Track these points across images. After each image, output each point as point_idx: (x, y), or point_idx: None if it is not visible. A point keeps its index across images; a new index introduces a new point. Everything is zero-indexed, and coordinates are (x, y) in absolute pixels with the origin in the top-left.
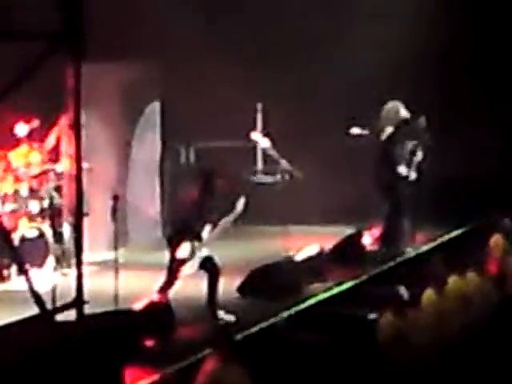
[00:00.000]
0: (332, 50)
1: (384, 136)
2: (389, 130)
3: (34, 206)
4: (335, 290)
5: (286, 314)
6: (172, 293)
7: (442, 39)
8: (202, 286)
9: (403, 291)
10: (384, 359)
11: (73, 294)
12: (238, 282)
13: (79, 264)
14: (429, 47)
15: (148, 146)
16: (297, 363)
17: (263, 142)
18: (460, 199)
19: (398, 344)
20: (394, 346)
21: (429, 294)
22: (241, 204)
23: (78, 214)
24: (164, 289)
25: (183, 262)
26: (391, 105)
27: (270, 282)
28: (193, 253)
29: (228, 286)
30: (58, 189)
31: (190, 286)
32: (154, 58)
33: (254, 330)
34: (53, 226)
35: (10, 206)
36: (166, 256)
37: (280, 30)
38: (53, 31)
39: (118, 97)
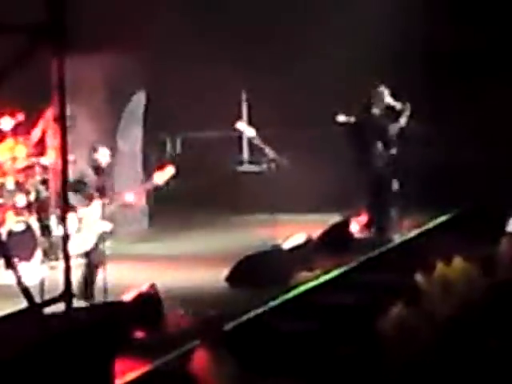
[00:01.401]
0: (318, 36)
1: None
2: (375, 113)
3: (21, 200)
4: (323, 278)
5: (274, 302)
6: (161, 283)
7: (430, 24)
8: (191, 276)
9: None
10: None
11: (61, 287)
12: (226, 271)
13: (67, 257)
14: (416, 33)
15: (133, 137)
16: (286, 352)
17: (249, 131)
18: (447, 185)
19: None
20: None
21: (418, 279)
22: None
23: (64, 206)
24: None
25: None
26: (377, 90)
27: (258, 270)
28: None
29: (216, 275)
30: (44, 182)
31: (180, 275)
32: (139, 49)
33: (242, 319)
34: (40, 220)
35: None
36: (153, 247)
37: (265, 16)
38: (36, 23)
39: (103, 88)
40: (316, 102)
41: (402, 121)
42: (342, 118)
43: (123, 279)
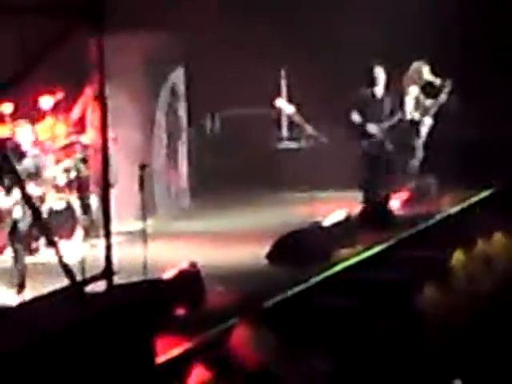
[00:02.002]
0: (356, 12)
1: (408, 96)
2: (413, 90)
3: (62, 178)
4: (364, 255)
5: (314, 279)
6: (201, 260)
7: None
8: (232, 253)
9: (433, 254)
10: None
11: (102, 264)
12: (266, 248)
13: (108, 235)
14: (454, 11)
15: (172, 115)
16: (327, 329)
17: (288, 109)
18: (486, 161)
19: (431, 307)
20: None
21: (458, 255)
22: None
23: (105, 185)
24: None
25: None
26: (415, 66)
27: (299, 248)
28: None
29: (257, 252)
30: (84, 160)
31: (220, 253)
32: (177, 27)
33: (283, 296)
34: (80, 198)
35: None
36: (193, 225)
37: None
38: (74, 3)
39: (142, 66)
40: (355, 77)
41: (442, 97)
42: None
43: (164, 257)
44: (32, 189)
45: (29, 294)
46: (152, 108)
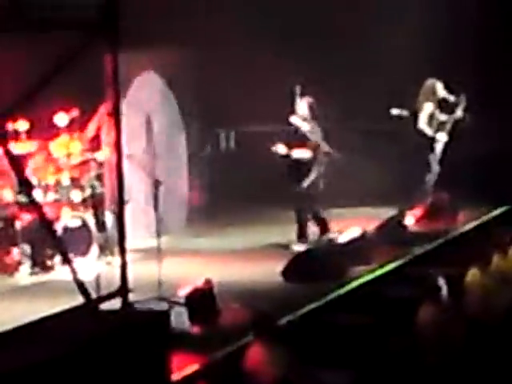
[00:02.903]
0: (371, 31)
1: (422, 114)
2: (427, 107)
3: (76, 196)
4: (379, 272)
5: (329, 297)
6: (216, 277)
7: (481, 16)
8: (246, 271)
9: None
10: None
11: (117, 282)
12: (281, 265)
13: (123, 252)
14: (469, 25)
15: (185, 133)
16: (341, 347)
17: (302, 125)
18: (502, 177)
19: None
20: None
21: (473, 273)
22: None
23: (120, 202)
24: None
25: None
26: (429, 83)
27: (314, 265)
28: None
29: (271, 269)
30: (99, 177)
31: (235, 270)
32: (191, 44)
33: (297, 314)
34: (95, 215)
35: (51, 196)
36: (207, 242)
37: (319, 12)
38: (89, 20)
39: (155, 83)
40: (370, 97)
41: (457, 113)
42: (395, 111)
43: (178, 274)
44: None
45: (44, 311)
46: (165, 125)
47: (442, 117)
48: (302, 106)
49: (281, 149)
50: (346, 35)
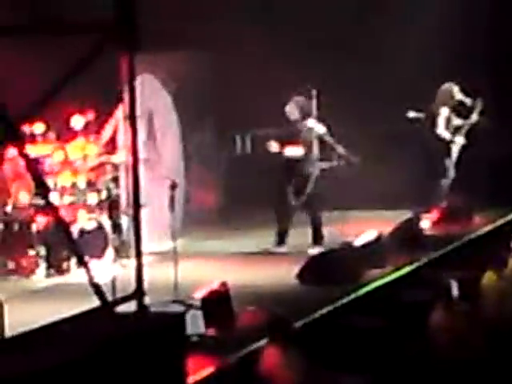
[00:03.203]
0: (385, 35)
1: (439, 117)
2: (444, 111)
3: (92, 198)
4: (394, 275)
5: (345, 300)
6: (231, 280)
7: (497, 18)
8: (262, 273)
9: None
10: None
11: (133, 285)
12: (296, 268)
13: (139, 255)
14: (485, 28)
15: (201, 135)
16: (357, 350)
17: (319, 128)
18: None
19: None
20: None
21: (489, 276)
22: None
23: (136, 205)
24: None
25: None
26: (446, 86)
27: (329, 268)
28: None
29: (287, 272)
30: (115, 180)
31: (250, 273)
32: (208, 46)
33: (313, 317)
34: (111, 218)
35: (68, 199)
36: (224, 244)
37: (334, 15)
38: (105, 22)
39: (172, 86)
40: (385, 99)
41: (473, 117)
42: (412, 114)
43: (194, 276)
44: None
45: (60, 314)
46: (183, 128)
47: (458, 121)
48: (291, 107)
49: (273, 146)
50: (360, 39)
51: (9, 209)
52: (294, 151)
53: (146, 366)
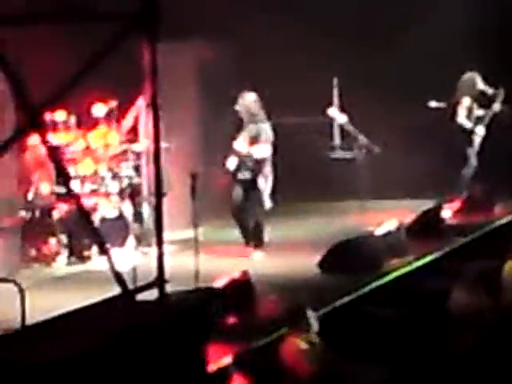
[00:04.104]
0: (410, 23)
1: (461, 106)
2: (465, 101)
3: (114, 187)
4: (415, 265)
5: (366, 289)
6: (252, 269)
7: None
8: (283, 262)
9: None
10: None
11: (154, 273)
12: (318, 257)
13: (160, 243)
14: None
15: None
16: (378, 339)
17: (340, 118)
18: None
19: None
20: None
21: (510, 266)
22: None
23: (158, 193)
24: None
25: None
26: (468, 76)
27: (351, 257)
28: None
29: (309, 261)
30: (136, 168)
31: (272, 262)
32: (230, 36)
33: (333, 306)
34: (133, 206)
35: (89, 187)
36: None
37: (355, 6)
38: (128, 11)
39: (194, 75)
40: (408, 89)
41: (496, 106)
42: (433, 104)
43: (215, 265)
44: None
45: (81, 302)
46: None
47: (480, 111)
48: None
49: (240, 145)
50: (382, 29)
51: (30, 197)
52: (262, 151)
53: (167, 353)
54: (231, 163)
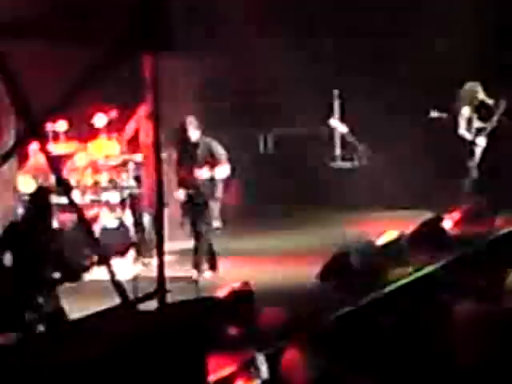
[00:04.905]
0: (410, 32)
1: (461, 117)
2: (466, 111)
3: (114, 197)
4: (416, 275)
5: (366, 299)
6: (253, 280)
7: None
8: (284, 273)
9: (485, 275)
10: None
11: (154, 283)
12: (318, 268)
13: (160, 253)
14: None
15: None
16: (377, 350)
17: (341, 128)
18: None
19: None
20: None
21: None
22: None
23: (159, 204)
24: None
25: None
26: (469, 86)
27: (351, 268)
28: None
29: (309, 272)
30: (137, 179)
31: (272, 272)
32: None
33: (334, 316)
34: (133, 216)
35: (90, 197)
36: (246, 244)
37: (355, 15)
38: (130, 23)
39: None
40: (409, 100)
41: (497, 117)
42: (434, 114)
43: (217, 275)
44: None
45: (81, 312)
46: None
47: (481, 122)
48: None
49: (205, 173)
50: (384, 36)
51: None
52: (223, 172)
53: (166, 364)
54: (180, 195)
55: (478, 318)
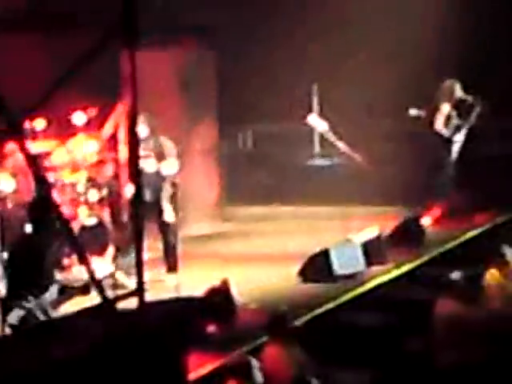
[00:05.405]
0: (390, 29)
1: (439, 114)
2: (444, 108)
3: (93, 195)
4: (395, 273)
5: (345, 297)
6: (232, 278)
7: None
8: (263, 271)
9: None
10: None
11: (133, 282)
12: (298, 266)
13: (139, 252)
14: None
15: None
16: (357, 347)
17: (320, 125)
18: None
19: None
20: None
21: (491, 273)
22: None
23: (136, 202)
24: None
25: None
26: (448, 83)
27: (330, 265)
28: None
29: (288, 270)
30: (116, 177)
31: (251, 271)
32: (212, 42)
33: (313, 314)
34: (112, 214)
35: (68, 196)
36: (224, 243)
37: (335, 10)
38: (107, 18)
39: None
40: (387, 96)
41: (474, 114)
42: (413, 112)
43: (195, 276)
44: None
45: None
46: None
47: (459, 119)
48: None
49: (150, 165)
50: (362, 34)
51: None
52: (171, 166)
53: (145, 362)
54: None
55: (458, 319)
